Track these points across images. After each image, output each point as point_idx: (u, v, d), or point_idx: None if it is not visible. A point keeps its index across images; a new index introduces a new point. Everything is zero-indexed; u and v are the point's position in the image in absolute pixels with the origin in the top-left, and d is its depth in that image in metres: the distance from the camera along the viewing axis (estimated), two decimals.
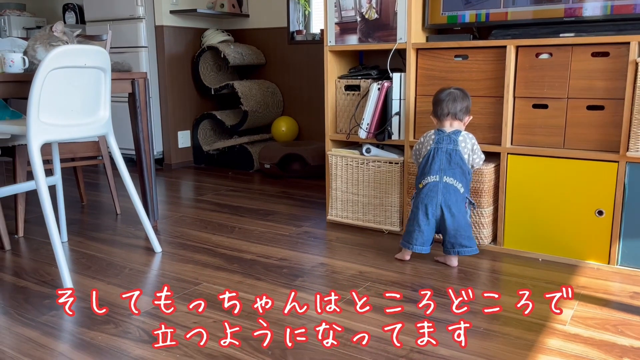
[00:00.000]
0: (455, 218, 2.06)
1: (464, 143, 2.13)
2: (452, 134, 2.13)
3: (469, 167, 2.13)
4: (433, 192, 2.09)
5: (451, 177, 2.08)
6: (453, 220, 2.06)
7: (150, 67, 4.08)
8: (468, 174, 2.13)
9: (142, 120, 2.56)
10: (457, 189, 2.08)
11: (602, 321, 1.68)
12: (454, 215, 2.06)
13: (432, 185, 2.09)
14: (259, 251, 2.34)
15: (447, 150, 2.10)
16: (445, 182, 2.08)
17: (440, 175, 2.09)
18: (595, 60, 2.05)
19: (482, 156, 2.18)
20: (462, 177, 2.10)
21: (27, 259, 2.27)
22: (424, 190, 2.12)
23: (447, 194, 2.07)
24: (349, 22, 2.57)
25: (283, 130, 4.20)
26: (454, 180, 2.08)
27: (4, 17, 4.87)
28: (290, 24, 4.18)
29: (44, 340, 1.59)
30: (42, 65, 1.85)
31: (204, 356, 1.49)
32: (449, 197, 2.07)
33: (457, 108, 2.14)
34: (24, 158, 2.53)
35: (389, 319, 1.70)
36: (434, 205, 2.08)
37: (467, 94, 2.18)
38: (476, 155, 2.16)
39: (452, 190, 2.08)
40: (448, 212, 2.06)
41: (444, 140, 2.12)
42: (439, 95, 2.18)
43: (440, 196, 2.07)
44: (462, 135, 2.14)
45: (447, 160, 2.10)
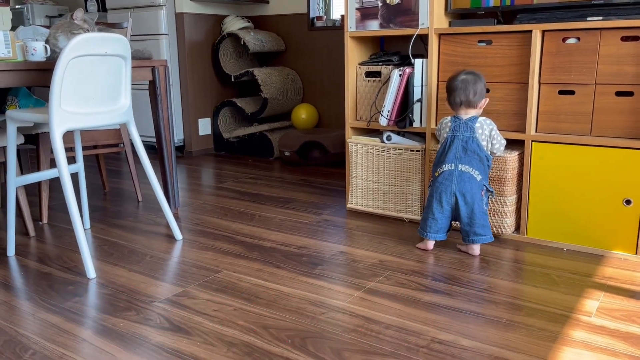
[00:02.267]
0: (469, 206, 2.05)
1: (481, 130, 2.09)
2: (468, 121, 2.09)
3: (487, 153, 2.10)
4: (448, 180, 2.07)
5: (467, 164, 2.06)
6: (467, 208, 2.05)
7: (170, 55, 4.09)
8: (487, 160, 2.09)
9: (163, 108, 2.56)
10: (474, 177, 2.05)
11: (629, 313, 1.64)
12: (468, 203, 2.05)
13: (448, 174, 2.08)
14: (278, 239, 2.34)
15: (463, 138, 2.08)
16: (461, 170, 2.06)
17: (456, 163, 2.07)
18: (624, 44, 1.99)
19: (503, 142, 2.14)
20: (479, 165, 2.07)
21: (50, 245, 2.31)
22: (439, 178, 2.10)
23: (462, 182, 2.05)
24: (370, 7, 2.53)
25: (303, 117, 4.18)
26: (470, 168, 2.06)
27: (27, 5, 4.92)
28: (310, 10, 4.14)
29: (67, 325, 1.61)
30: (64, 53, 1.85)
31: (224, 344, 1.50)
32: (463, 185, 2.05)
33: (469, 95, 2.08)
34: (47, 146, 2.55)
35: (410, 309, 1.68)
36: (448, 194, 2.07)
37: (480, 76, 2.10)
38: (495, 141, 2.12)
39: (467, 178, 2.05)
40: (462, 200, 2.05)
41: (460, 128, 2.09)
42: (451, 84, 2.13)
43: (455, 184, 2.06)
44: (479, 122, 2.10)
45: (462, 149, 2.07)
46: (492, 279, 1.90)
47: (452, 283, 1.87)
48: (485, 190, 2.10)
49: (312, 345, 1.48)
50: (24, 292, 1.85)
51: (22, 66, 2.04)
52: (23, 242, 2.34)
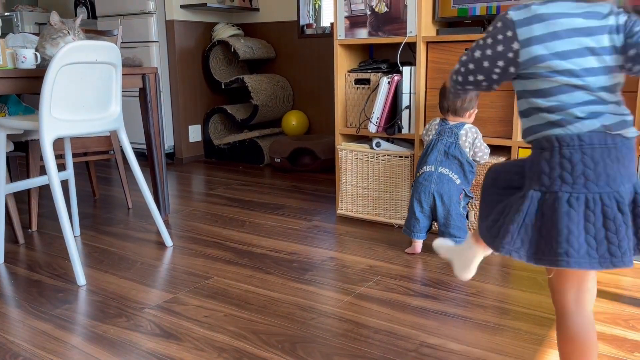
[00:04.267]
0: (446, 207, 2.10)
1: (465, 137, 2.13)
2: (454, 127, 2.15)
3: (470, 159, 2.14)
4: (427, 180, 2.13)
5: (447, 168, 2.13)
6: (443, 209, 2.10)
7: (160, 62, 4.10)
8: (469, 165, 2.14)
9: (153, 115, 2.57)
10: (452, 180, 2.11)
11: (614, 316, 1.67)
12: (445, 204, 2.10)
13: (427, 175, 2.14)
14: (269, 245, 2.35)
15: (446, 143, 2.14)
16: (440, 172, 2.12)
17: (436, 165, 2.14)
18: None
19: (487, 150, 2.18)
20: (458, 169, 2.13)
21: (40, 252, 2.30)
22: (419, 178, 2.17)
23: (441, 183, 2.11)
24: (358, 15, 2.56)
25: (293, 124, 4.20)
26: (449, 172, 2.12)
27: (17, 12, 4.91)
28: (300, 18, 4.17)
29: (57, 333, 1.61)
30: (54, 61, 1.86)
31: (214, 349, 1.50)
32: (441, 186, 2.10)
33: (456, 103, 2.13)
34: (36, 153, 2.55)
35: (399, 313, 1.70)
36: (427, 194, 2.12)
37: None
38: (478, 149, 2.16)
39: (446, 180, 2.11)
40: (440, 201, 2.10)
41: (445, 133, 2.15)
42: (443, 89, 2.20)
43: (434, 185, 2.12)
44: (465, 129, 2.14)
45: (444, 153, 2.14)
46: (480, 283, 1.92)
47: (440, 288, 1.89)
48: (464, 194, 2.14)
49: (302, 350, 1.50)
50: (14, 300, 1.84)
51: (12, 74, 2.04)
52: (12, 249, 2.33)
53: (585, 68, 0.99)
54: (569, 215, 0.97)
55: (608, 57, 1.00)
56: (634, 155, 1.02)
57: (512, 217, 1.02)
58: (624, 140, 1.00)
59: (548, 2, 1.03)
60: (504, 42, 1.03)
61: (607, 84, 1.01)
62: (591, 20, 1.00)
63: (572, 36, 1.00)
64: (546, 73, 1.00)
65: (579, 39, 1.00)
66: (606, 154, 0.98)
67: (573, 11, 1.01)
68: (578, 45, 1.00)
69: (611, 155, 0.98)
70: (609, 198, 0.97)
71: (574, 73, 0.99)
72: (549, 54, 1.00)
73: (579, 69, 0.99)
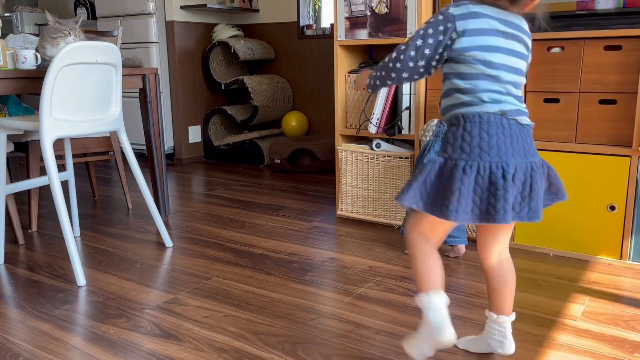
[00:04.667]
0: None
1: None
2: None
3: None
4: None
5: None
6: None
7: (160, 63, 4.10)
8: None
9: (153, 116, 2.57)
10: None
11: (614, 317, 1.67)
12: None
13: None
14: (269, 246, 2.35)
15: None
16: None
17: None
18: (607, 53, 2.03)
19: None
20: None
21: (40, 253, 2.30)
22: None
23: None
24: (359, 16, 2.56)
25: (293, 125, 4.20)
26: None
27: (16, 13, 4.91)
28: (300, 19, 4.17)
29: (58, 333, 1.61)
30: (54, 62, 1.86)
31: (214, 350, 1.51)
32: None
33: None
34: (36, 153, 2.55)
35: (399, 314, 1.70)
36: None
37: None
38: None
39: None
40: None
41: (442, 134, 2.14)
42: None
43: None
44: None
45: None
46: (480, 284, 1.92)
47: None
48: None
49: (302, 351, 1.50)
50: (14, 300, 1.84)
51: (13, 74, 2.04)
52: (12, 250, 2.33)
53: (502, 63, 1.23)
54: (462, 180, 1.19)
55: (519, 60, 1.25)
56: (527, 138, 1.25)
57: (416, 176, 1.26)
58: (518, 124, 1.24)
59: (481, 4, 1.24)
60: (444, 32, 1.22)
61: (514, 80, 1.25)
62: (511, 28, 1.25)
63: (496, 35, 1.22)
64: (470, 60, 1.22)
65: (499, 39, 1.23)
66: (500, 131, 1.21)
67: (499, 17, 1.24)
68: (499, 44, 1.22)
69: (505, 132, 1.22)
70: (497, 166, 1.20)
71: (492, 65, 1.22)
72: (475, 46, 1.21)
73: (497, 62, 1.22)
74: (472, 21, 1.22)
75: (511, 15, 1.26)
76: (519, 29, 1.27)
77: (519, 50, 1.26)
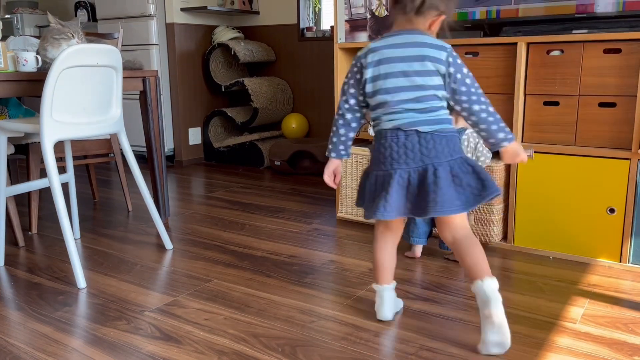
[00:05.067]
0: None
1: (467, 143, 2.13)
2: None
3: None
4: None
5: None
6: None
7: (161, 65, 4.11)
8: None
9: (153, 118, 2.58)
10: None
11: (613, 319, 1.68)
12: None
13: None
14: (269, 248, 2.35)
15: None
16: None
17: None
18: (607, 57, 2.04)
19: (489, 155, 2.18)
20: None
21: (40, 255, 2.31)
22: None
23: None
24: (359, 19, 2.57)
25: (293, 127, 4.21)
26: None
27: (17, 15, 4.92)
28: (300, 21, 4.18)
29: (58, 335, 1.61)
30: (55, 64, 1.87)
31: (214, 352, 1.51)
32: None
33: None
34: (37, 156, 2.56)
35: (398, 316, 1.70)
36: None
37: None
38: (481, 153, 2.16)
39: None
40: None
41: None
42: None
43: None
44: (466, 135, 2.14)
45: None
46: None
47: (440, 291, 1.89)
48: None
49: (302, 353, 1.50)
50: (14, 302, 1.84)
51: (14, 77, 2.05)
52: (12, 252, 2.34)
53: (396, 86, 1.49)
54: (364, 185, 1.56)
55: (418, 78, 1.47)
56: (428, 143, 1.46)
57: (363, 186, 1.59)
58: (420, 133, 1.46)
59: (382, 38, 1.52)
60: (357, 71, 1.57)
61: (413, 97, 1.47)
62: (406, 49, 1.49)
63: (390, 62, 1.50)
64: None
65: (394, 65, 1.50)
66: (394, 143, 1.48)
67: (394, 43, 1.52)
68: (392, 69, 1.50)
69: (399, 143, 1.48)
70: (385, 173, 1.49)
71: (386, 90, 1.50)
72: (370, 77, 1.52)
73: (390, 87, 1.49)
74: (369, 56, 1.51)
75: (411, 36, 1.48)
76: (416, 46, 1.47)
77: (418, 69, 1.46)
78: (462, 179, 1.46)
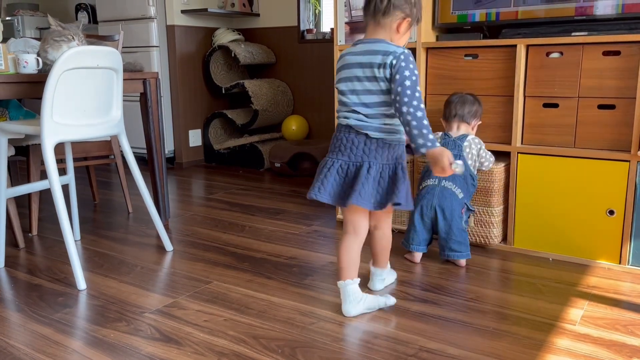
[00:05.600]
0: (447, 222, 2.08)
1: (469, 149, 2.14)
2: (457, 139, 2.14)
3: (473, 172, 2.14)
4: (430, 194, 2.12)
5: (450, 181, 2.10)
6: (445, 224, 2.08)
7: (161, 67, 4.11)
8: (471, 179, 2.14)
9: (154, 120, 2.58)
10: (455, 194, 2.09)
11: (612, 321, 1.68)
12: (447, 218, 2.08)
13: (430, 188, 2.12)
14: (269, 250, 2.35)
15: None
16: (443, 186, 2.10)
17: (439, 179, 2.11)
18: (606, 59, 2.04)
19: (491, 159, 2.19)
20: (462, 183, 2.11)
21: (40, 257, 2.31)
22: (422, 192, 2.15)
23: (443, 197, 2.09)
24: (359, 21, 2.57)
25: (293, 129, 4.21)
26: (452, 185, 2.09)
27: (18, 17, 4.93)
28: (300, 23, 4.19)
29: (58, 337, 1.62)
30: (56, 66, 1.87)
31: (214, 354, 1.51)
32: (444, 201, 2.08)
33: (464, 110, 2.16)
34: (37, 157, 2.56)
35: (398, 318, 1.71)
36: (429, 207, 2.10)
37: (479, 101, 2.22)
38: (484, 159, 2.17)
39: (448, 194, 2.09)
40: (441, 215, 2.08)
41: (448, 146, 2.14)
42: (450, 98, 2.23)
43: (436, 199, 2.10)
44: (468, 141, 2.15)
45: None
46: (479, 288, 1.93)
47: (439, 293, 1.90)
48: (466, 208, 2.13)
49: (302, 355, 1.50)
50: (14, 304, 1.85)
51: (15, 79, 2.05)
52: (13, 253, 2.34)
53: (349, 89, 1.67)
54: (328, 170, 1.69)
55: (367, 84, 1.65)
56: (368, 143, 1.64)
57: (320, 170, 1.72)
58: (369, 137, 1.64)
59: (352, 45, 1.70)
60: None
61: (362, 102, 1.65)
62: (363, 57, 1.65)
63: (348, 68, 1.67)
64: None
65: (352, 70, 1.67)
66: (344, 138, 1.67)
67: (356, 50, 1.68)
68: (347, 75, 1.68)
69: (348, 138, 1.67)
70: (330, 161, 1.69)
71: (341, 92, 1.68)
72: (337, 80, 1.71)
73: (344, 90, 1.68)
74: (339, 61, 1.70)
75: (371, 44, 1.63)
76: (371, 54, 1.61)
77: (368, 75, 1.62)
78: (384, 183, 1.66)
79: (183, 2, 4.09)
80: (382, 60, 1.58)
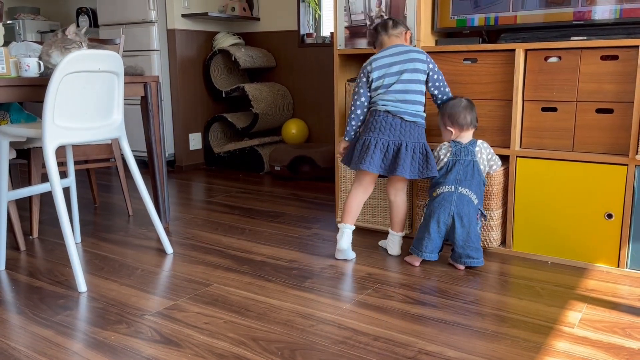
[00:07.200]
0: (465, 229, 2.07)
1: (480, 154, 2.15)
2: (469, 145, 2.15)
3: (484, 177, 2.15)
4: (447, 201, 2.09)
5: (467, 188, 2.09)
6: (463, 231, 2.07)
7: (162, 70, 4.13)
8: (483, 184, 2.14)
9: (154, 123, 2.59)
10: (472, 200, 2.09)
11: (611, 324, 1.69)
12: (465, 225, 2.07)
13: (447, 195, 2.10)
14: (269, 253, 2.36)
15: (464, 162, 2.12)
16: (460, 193, 2.09)
17: (456, 185, 2.10)
18: (604, 63, 2.05)
19: (499, 162, 2.20)
20: (477, 189, 2.11)
21: (41, 259, 2.32)
22: (437, 199, 2.12)
23: (461, 204, 2.08)
24: (358, 25, 2.59)
25: (293, 132, 4.22)
26: (469, 192, 2.09)
27: (19, 20, 4.95)
28: (300, 27, 4.21)
29: (58, 339, 1.62)
30: (57, 69, 1.88)
31: (214, 356, 1.52)
32: (462, 208, 2.08)
33: (473, 116, 2.17)
34: (38, 160, 2.57)
35: (398, 321, 1.71)
36: (446, 215, 2.09)
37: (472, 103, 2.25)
38: (493, 162, 2.18)
39: (466, 201, 2.08)
40: (459, 223, 2.07)
41: (461, 152, 2.13)
42: (456, 106, 2.18)
43: (454, 206, 2.08)
44: (478, 146, 2.16)
45: (464, 172, 2.11)
46: (478, 291, 1.93)
47: (439, 295, 1.90)
48: (480, 214, 2.14)
49: (302, 357, 1.51)
50: (15, 306, 1.85)
51: (16, 82, 2.07)
52: (13, 256, 2.35)
53: (390, 83, 2.17)
54: (374, 147, 2.12)
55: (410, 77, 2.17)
56: (412, 129, 2.14)
57: (354, 147, 2.23)
58: (402, 120, 2.13)
59: (381, 51, 2.22)
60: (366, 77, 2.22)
61: (402, 90, 2.16)
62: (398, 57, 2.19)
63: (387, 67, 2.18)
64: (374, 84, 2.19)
65: (391, 67, 2.17)
66: (391, 122, 2.13)
67: (389, 54, 2.20)
68: (389, 71, 2.17)
69: (394, 123, 2.13)
70: (392, 143, 2.12)
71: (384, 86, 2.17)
72: (376, 77, 2.19)
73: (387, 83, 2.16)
74: (373, 63, 2.18)
75: (399, 47, 2.18)
76: (405, 52, 2.17)
77: (408, 68, 2.15)
78: (417, 158, 2.12)
79: (184, 6, 4.10)
80: (419, 56, 2.16)
